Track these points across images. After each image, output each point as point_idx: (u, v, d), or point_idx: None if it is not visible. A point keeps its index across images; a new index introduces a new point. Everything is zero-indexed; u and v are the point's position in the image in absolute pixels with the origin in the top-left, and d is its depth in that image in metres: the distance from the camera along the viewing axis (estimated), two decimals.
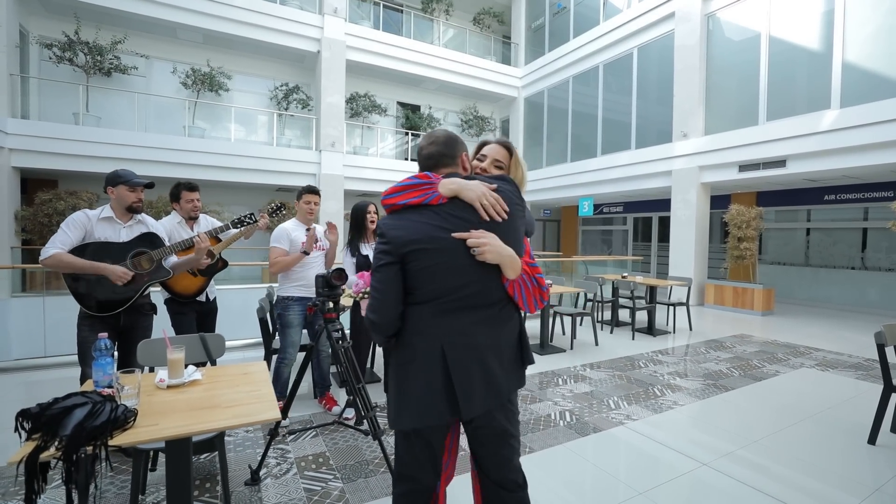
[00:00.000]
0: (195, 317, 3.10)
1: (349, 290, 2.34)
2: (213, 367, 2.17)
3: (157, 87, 10.20)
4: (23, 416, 1.25)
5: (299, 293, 3.05)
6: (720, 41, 8.75)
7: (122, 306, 2.40)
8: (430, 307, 1.27)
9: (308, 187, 3.21)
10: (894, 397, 2.81)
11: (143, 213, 2.57)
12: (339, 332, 2.42)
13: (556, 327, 6.02)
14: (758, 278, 8.47)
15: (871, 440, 2.83)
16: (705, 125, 8.93)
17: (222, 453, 2.02)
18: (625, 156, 10.50)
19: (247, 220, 2.88)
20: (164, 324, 2.76)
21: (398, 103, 13.44)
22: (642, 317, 6.79)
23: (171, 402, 1.55)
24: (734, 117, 8.49)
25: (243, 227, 2.90)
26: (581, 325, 6.44)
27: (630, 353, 5.12)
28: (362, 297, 1.80)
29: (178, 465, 1.48)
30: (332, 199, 10.64)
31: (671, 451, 2.72)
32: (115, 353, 2.20)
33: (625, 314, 7.36)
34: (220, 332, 2.42)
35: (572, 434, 2.93)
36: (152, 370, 2.24)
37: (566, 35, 12.30)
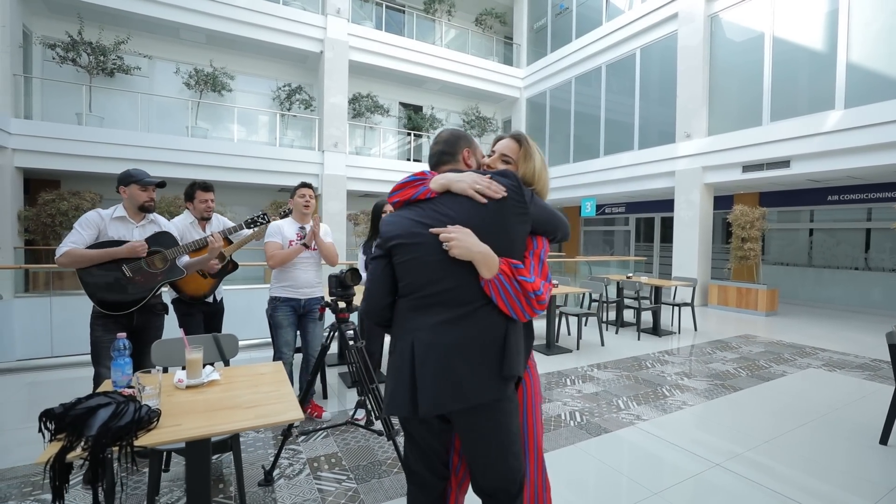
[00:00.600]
0: (202, 317, 3.09)
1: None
2: (227, 367, 2.17)
3: (159, 88, 10.20)
4: (47, 416, 1.24)
5: (286, 294, 2.99)
6: (723, 42, 8.75)
7: (135, 306, 2.39)
8: (408, 301, 1.30)
9: (300, 183, 3.11)
10: None
11: (156, 213, 2.57)
12: (352, 332, 2.41)
13: (561, 328, 6.02)
14: (761, 279, 8.46)
15: (883, 440, 2.82)
16: (709, 126, 8.92)
17: (237, 454, 2.02)
18: (627, 156, 10.49)
19: (260, 220, 2.87)
20: (172, 324, 2.75)
21: (400, 104, 13.45)
22: (647, 317, 6.78)
23: (191, 403, 1.55)
24: (738, 118, 8.48)
25: (256, 228, 2.89)
26: (586, 325, 6.44)
27: (636, 353, 5.11)
28: None
29: (198, 466, 1.47)
30: (335, 199, 10.64)
31: (682, 451, 2.71)
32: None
33: (629, 314, 7.36)
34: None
35: (583, 434, 2.92)
36: (166, 370, 2.24)
37: (568, 36, 12.30)
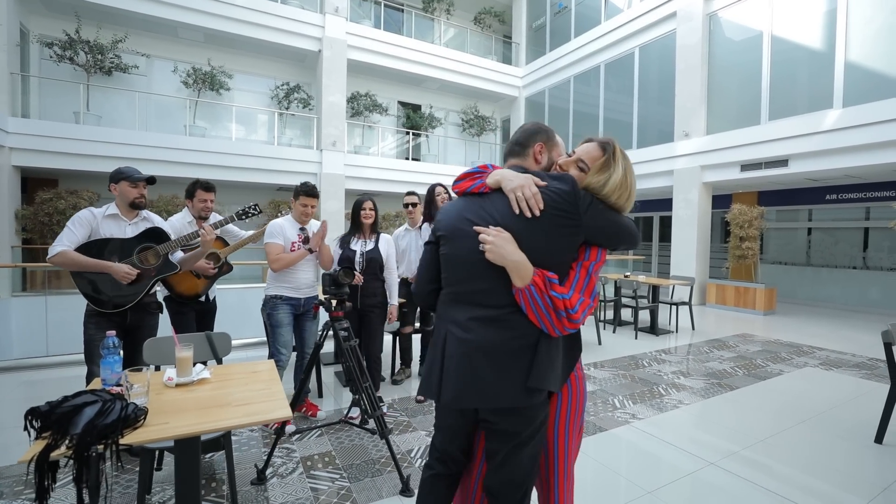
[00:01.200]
0: (195, 316, 3.08)
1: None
2: (220, 365, 2.16)
3: (157, 87, 10.18)
4: (32, 414, 1.23)
5: (289, 293, 2.98)
6: (722, 41, 8.74)
7: (129, 303, 2.38)
8: (446, 293, 1.35)
9: (305, 187, 2.96)
10: None
11: (149, 211, 2.56)
12: (345, 330, 2.40)
13: None
14: (759, 278, 8.46)
15: (878, 439, 2.82)
16: (707, 125, 8.92)
17: (229, 452, 2.01)
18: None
19: (251, 211, 2.86)
20: (164, 322, 2.74)
21: (399, 103, 13.42)
22: (644, 316, 6.78)
23: (181, 401, 1.54)
24: (736, 117, 8.48)
25: (254, 232, 2.91)
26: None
27: (633, 352, 5.11)
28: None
29: (187, 464, 1.47)
30: (334, 198, 10.62)
31: (677, 450, 2.71)
32: (121, 351, 2.19)
33: (626, 313, 7.35)
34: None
35: None
36: (158, 369, 2.23)
37: (567, 35, 12.29)
